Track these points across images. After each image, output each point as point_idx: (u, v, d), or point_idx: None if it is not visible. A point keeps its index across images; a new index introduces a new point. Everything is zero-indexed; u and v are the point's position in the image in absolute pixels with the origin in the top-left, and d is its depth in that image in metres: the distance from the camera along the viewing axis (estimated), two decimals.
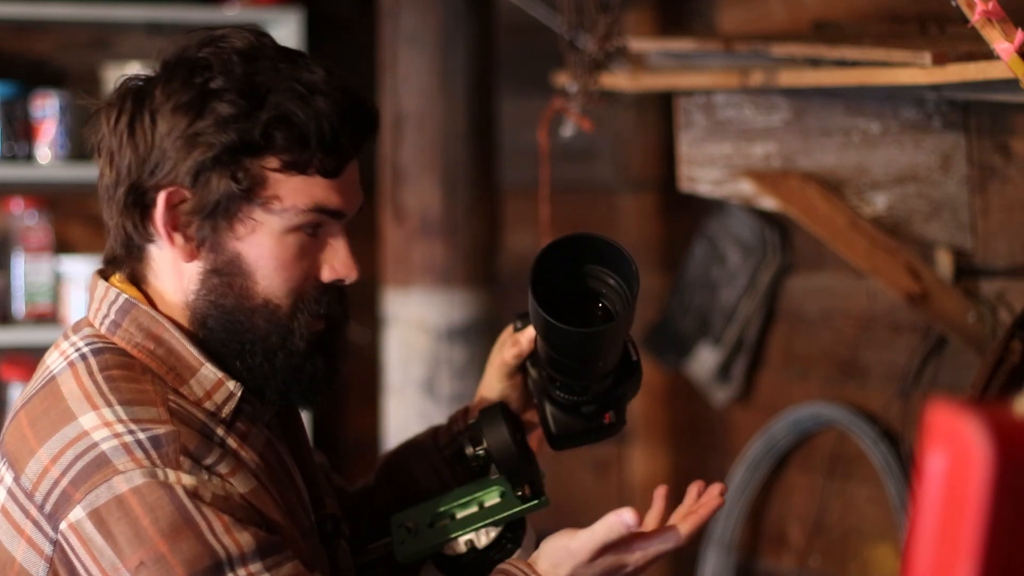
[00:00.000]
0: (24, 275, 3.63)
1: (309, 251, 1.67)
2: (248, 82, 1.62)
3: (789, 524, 3.39)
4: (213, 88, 1.62)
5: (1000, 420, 0.93)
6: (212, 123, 1.61)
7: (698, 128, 2.78)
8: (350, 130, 1.64)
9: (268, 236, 1.64)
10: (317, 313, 1.68)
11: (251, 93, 1.61)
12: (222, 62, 1.63)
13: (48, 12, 3.68)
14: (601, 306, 1.83)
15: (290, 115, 1.61)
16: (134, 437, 1.56)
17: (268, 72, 1.62)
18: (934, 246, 2.76)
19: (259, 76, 1.62)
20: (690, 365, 3.60)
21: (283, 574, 1.56)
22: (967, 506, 0.93)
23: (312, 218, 1.65)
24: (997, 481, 0.92)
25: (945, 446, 0.94)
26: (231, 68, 1.63)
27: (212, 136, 1.61)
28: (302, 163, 1.62)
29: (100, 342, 1.66)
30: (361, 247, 1.76)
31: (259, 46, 1.65)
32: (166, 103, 1.63)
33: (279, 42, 1.72)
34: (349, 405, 3.89)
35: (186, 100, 1.62)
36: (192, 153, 1.62)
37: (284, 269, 1.66)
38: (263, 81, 1.62)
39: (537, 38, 3.42)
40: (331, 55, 3.89)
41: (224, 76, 1.62)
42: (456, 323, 3.29)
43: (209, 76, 1.63)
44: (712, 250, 3.56)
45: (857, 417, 3.11)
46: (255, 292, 1.65)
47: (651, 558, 1.73)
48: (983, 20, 1.88)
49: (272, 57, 1.65)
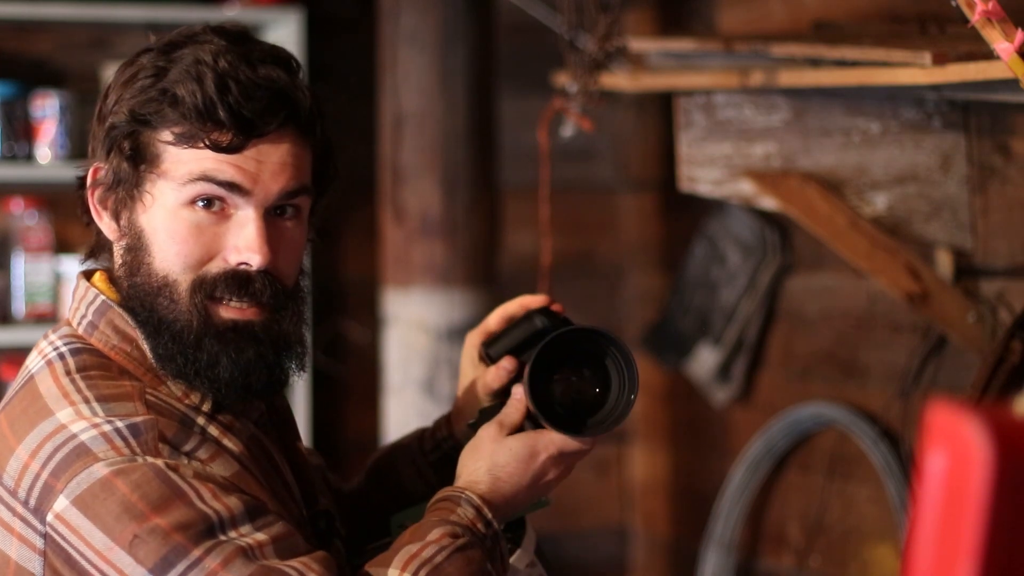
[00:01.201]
0: (24, 275, 3.63)
1: (210, 228, 1.64)
2: (163, 60, 1.65)
3: (789, 524, 3.39)
4: (134, 70, 1.67)
5: (1000, 420, 0.93)
6: (115, 99, 1.66)
7: (698, 128, 2.78)
8: (257, 108, 1.62)
9: (163, 209, 1.64)
10: (216, 296, 1.64)
11: (158, 71, 1.64)
12: (161, 46, 1.67)
13: (48, 12, 3.67)
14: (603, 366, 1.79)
15: (182, 89, 1.62)
16: (112, 426, 1.57)
17: (187, 53, 1.64)
18: (934, 246, 2.76)
19: (174, 55, 1.65)
20: (690, 365, 3.60)
21: (273, 533, 1.57)
22: (967, 506, 0.93)
23: (201, 189, 1.63)
24: (997, 481, 0.92)
25: (945, 446, 0.94)
26: (160, 50, 1.66)
27: (115, 111, 1.66)
28: (191, 135, 1.62)
29: (78, 342, 1.68)
30: (361, 247, 1.76)
31: (207, 31, 1.67)
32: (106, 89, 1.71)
33: (279, 42, 1.73)
34: (349, 405, 3.89)
35: (113, 84, 1.69)
36: (103, 128, 1.67)
37: (176, 243, 1.63)
38: (175, 59, 1.64)
39: (537, 38, 3.42)
40: (331, 55, 3.91)
41: (150, 57, 1.66)
42: (456, 323, 3.29)
43: (141, 60, 1.67)
44: (712, 250, 3.55)
45: (857, 417, 3.11)
46: (155, 269, 1.64)
47: (562, 450, 1.71)
48: (983, 20, 1.88)
49: (208, 41, 1.65)
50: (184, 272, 1.63)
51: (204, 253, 1.64)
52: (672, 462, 3.86)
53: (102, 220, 1.69)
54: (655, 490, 3.90)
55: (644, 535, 3.95)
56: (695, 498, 3.70)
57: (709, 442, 3.71)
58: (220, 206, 1.64)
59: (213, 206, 1.64)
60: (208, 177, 1.62)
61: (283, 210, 1.67)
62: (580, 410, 1.77)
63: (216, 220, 1.64)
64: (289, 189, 1.66)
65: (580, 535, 3.99)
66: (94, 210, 1.69)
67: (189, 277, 1.63)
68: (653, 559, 3.93)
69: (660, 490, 3.88)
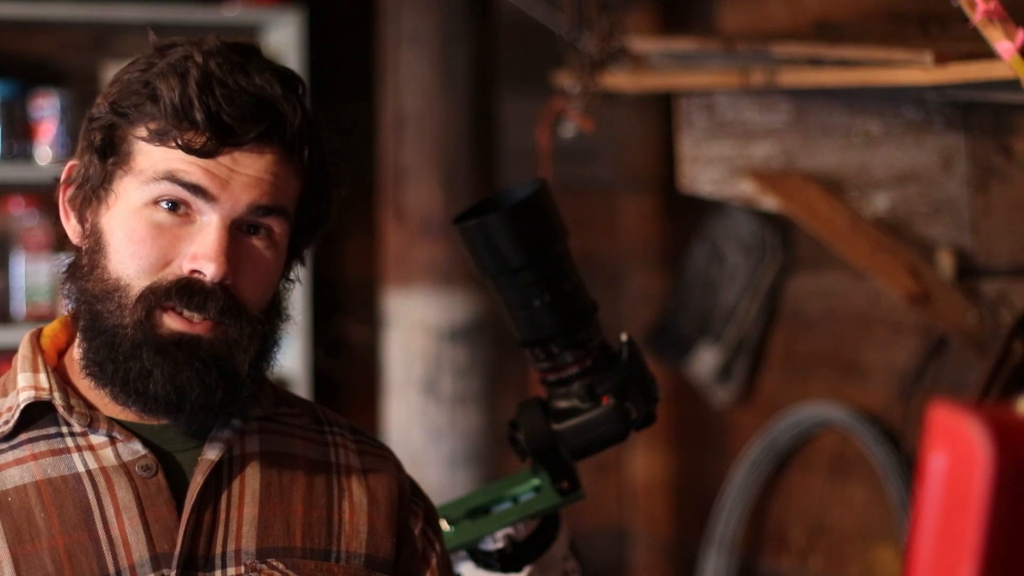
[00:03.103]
0: (24, 275, 3.63)
1: (170, 231, 1.53)
2: (156, 56, 1.58)
3: (790, 525, 3.39)
4: (126, 65, 1.60)
5: (1001, 421, 0.93)
6: (102, 94, 1.60)
7: (699, 128, 2.78)
8: (237, 114, 1.52)
9: (125, 207, 1.55)
10: (166, 304, 1.52)
11: (147, 66, 1.57)
12: (161, 44, 1.60)
13: (48, 12, 3.67)
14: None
15: (163, 84, 1.54)
16: None
17: (180, 50, 1.57)
18: (935, 246, 2.76)
19: (169, 51, 1.57)
20: (691, 365, 3.60)
21: None
22: (969, 507, 0.93)
23: (165, 189, 1.52)
24: (998, 482, 0.92)
25: (946, 447, 0.94)
26: (158, 48, 1.59)
27: (98, 104, 1.59)
28: (164, 132, 1.53)
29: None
30: (361, 247, 1.73)
31: (214, 38, 1.59)
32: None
33: (279, 42, 1.69)
34: (349, 405, 3.88)
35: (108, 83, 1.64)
36: (84, 122, 1.60)
37: (133, 243, 1.53)
38: (167, 55, 1.57)
39: (537, 38, 3.41)
40: (331, 55, 3.91)
41: (146, 53, 1.60)
42: (457, 323, 3.29)
43: (138, 57, 1.61)
44: (712, 250, 3.55)
45: (858, 418, 3.11)
46: (108, 272, 1.54)
47: None
48: (984, 20, 1.87)
49: (208, 44, 1.57)
50: (138, 276, 1.53)
51: (160, 257, 1.53)
52: (673, 462, 3.85)
53: (69, 222, 1.60)
54: (656, 490, 3.90)
55: (644, 535, 3.95)
56: (696, 498, 3.70)
57: (710, 442, 3.71)
58: (184, 210, 1.53)
59: (178, 209, 1.53)
60: (173, 177, 1.52)
61: (255, 229, 1.56)
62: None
63: (178, 224, 1.54)
64: (260, 204, 1.54)
65: (580, 535, 3.98)
66: (62, 210, 1.60)
67: (143, 283, 1.53)
68: (653, 559, 3.92)
69: (661, 490, 3.88)
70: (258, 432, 1.63)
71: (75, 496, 1.54)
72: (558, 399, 1.90)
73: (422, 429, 3.29)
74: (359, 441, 1.70)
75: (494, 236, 1.84)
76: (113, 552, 1.53)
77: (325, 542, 1.60)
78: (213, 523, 1.56)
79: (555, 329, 1.87)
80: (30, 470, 1.55)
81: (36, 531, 1.52)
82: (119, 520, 1.53)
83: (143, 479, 1.55)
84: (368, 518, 1.63)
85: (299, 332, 3.62)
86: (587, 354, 1.89)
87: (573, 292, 1.88)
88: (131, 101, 1.56)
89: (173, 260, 1.53)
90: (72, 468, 1.55)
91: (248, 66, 1.56)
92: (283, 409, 1.67)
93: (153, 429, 1.58)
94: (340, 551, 1.61)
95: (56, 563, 1.51)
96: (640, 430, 1.96)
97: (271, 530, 1.58)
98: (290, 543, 1.59)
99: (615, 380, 1.89)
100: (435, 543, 1.69)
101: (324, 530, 1.61)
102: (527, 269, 1.85)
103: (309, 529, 1.60)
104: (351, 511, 1.63)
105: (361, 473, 1.66)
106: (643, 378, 1.92)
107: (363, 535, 1.62)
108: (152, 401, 1.53)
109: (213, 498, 1.57)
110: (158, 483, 1.55)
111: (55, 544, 1.52)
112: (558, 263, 1.87)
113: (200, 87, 1.53)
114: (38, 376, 1.58)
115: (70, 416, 1.56)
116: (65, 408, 1.56)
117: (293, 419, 1.68)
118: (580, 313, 1.88)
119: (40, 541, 1.52)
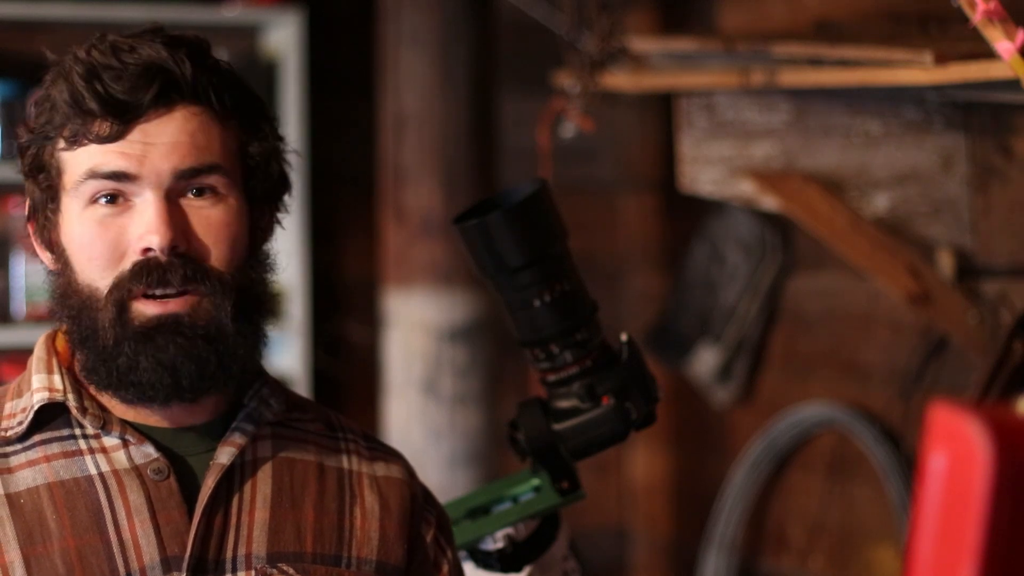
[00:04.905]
0: (24, 275, 3.63)
1: (114, 223, 1.54)
2: (46, 78, 1.60)
3: (790, 525, 3.39)
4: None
5: (1001, 421, 0.93)
6: (22, 126, 1.62)
7: (699, 128, 2.78)
8: (126, 88, 1.53)
9: (71, 217, 1.56)
10: (133, 293, 1.53)
11: (45, 83, 1.59)
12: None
13: (48, 12, 3.67)
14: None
15: (55, 91, 1.56)
16: None
17: (67, 56, 1.58)
18: (935, 246, 2.76)
19: (59, 62, 1.59)
20: (691, 365, 3.60)
21: None
22: (969, 507, 0.93)
23: (92, 187, 1.53)
24: (998, 482, 0.92)
25: (947, 447, 0.94)
26: (53, 63, 1.61)
27: (18, 138, 1.61)
28: (75, 133, 1.55)
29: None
30: (361, 247, 1.73)
31: (99, 36, 1.60)
32: None
33: (279, 42, 1.70)
34: (349, 405, 3.88)
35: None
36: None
37: (86, 247, 1.55)
38: (55, 65, 1.59)
39: (537, 38, 3.41)
40: (331, 55, 3.91)
41: (44, 81, 1.61)
42: (457, 323, 3.29)
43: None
44: (712, 250, 3.55)
45: (858, 418, 3.11)
46: (80, 284, 1.55)
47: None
48: (984, 20, 1.87)
49: (93, 39, 1.59)
50: (102, 276, 1.54)
51: (112, 250, 1.54)
52: (673, 462, 3.85)
53: (43, 253, 1.62)
54: (656, 490, 3.90)
55: (644, 535, 3.95)
56: (696, 498, 3.70)
57: (710, 442, 3.71)
58: (122, 200, 1.54)
59: (116, 201, 1.54)
60: (94, 172, 1.53)
61: (199, 192, 1.55)
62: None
63: (119, 213, 1.54)
64: (185, 167, 1.53)
65: (580, 535, 3.98)
66: (35, 244, 1.62)
67: (107, 281, 1.53)
68: (653, 559, 3.92)
69: (661, 490, 3.88)
70: (271, 437, 1.62)
71: (87, 498, 1.54)
72: (558, 399, 1.90)
73: (422, 429, 3.29)
74: (372, 448, 1.70)
75: (494, 236, 1.84)
76: (124, 555, 1.53)
77: (336, 548, 1.60)
78: (224, 527, 1.56)
79: (555, 329, 1.87)
80: (43, 472, 1.55)
81: (48, 533, 1.53)
82: (130, 523, 1.53)
83: (155, 482, 1.55)
84: (380, 524, 1.63)
85: (299, 332, 3.62)
86: (587, 354, 1.89)
87: (573, 292, 1.88)
88: (42, 120, 1.58)
89: (127, 249, 1.54)
90: (84, 471, 1.55)
91: (138, 44, 1.57)
92: (296, 415, 1.67)
93: (166, 433, 1.58)
94: (351, 557, 1.60)
95: (67, 565, 1.51)
96: (640, 430, 1.96)
97: (282, 535, 1.58)
98: (301, 548, 1.58)
99: (615, 380, 1.89)
100: (447, 551, 1.69)
101: (335, 536, 1.60)
102: (527, 269, 1.85)
103: (320, 534, 1.59)
104: (363, 517, 1.62)
105: (373, 480, 1.66)
106: (643, 378, 1.92)
107: (374, 541, 1.62)
108: (149, 388, 1.53)
109: (224, 502, 1.56)
110: (170, 486, 1.55)
111: (66, 546, 1.52)
112: (558, 263, 1.87)
113: (85, 78, 1.54)
114: (52, 377, 1.58)
115: (84, 417, 1.56)
116: (79, 409, 1.56)
117: (306, 424, 1.67)
118: (580, 313, 1.88)
119: (51, 543, 1.52)
